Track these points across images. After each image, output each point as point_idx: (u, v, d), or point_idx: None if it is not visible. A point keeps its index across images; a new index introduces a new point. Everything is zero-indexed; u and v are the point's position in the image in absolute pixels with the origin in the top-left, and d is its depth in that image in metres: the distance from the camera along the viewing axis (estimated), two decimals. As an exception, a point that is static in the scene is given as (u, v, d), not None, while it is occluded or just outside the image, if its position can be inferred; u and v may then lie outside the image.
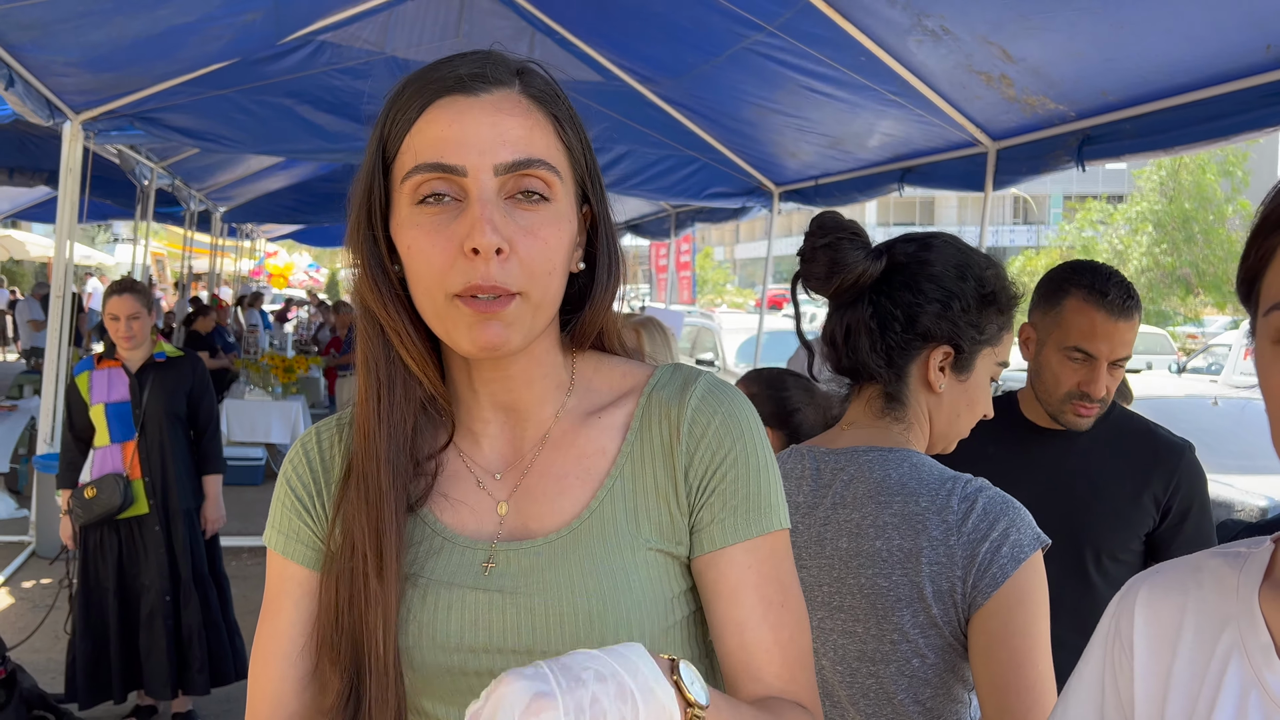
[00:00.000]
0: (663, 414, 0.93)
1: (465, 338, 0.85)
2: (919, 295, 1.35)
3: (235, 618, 4.19)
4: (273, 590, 0.98)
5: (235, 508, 4.56)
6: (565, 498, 0.92)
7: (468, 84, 0.86)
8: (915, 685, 1.29)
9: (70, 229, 6.17)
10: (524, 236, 0.84)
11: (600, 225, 0.95)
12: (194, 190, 10.88)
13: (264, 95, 6.02)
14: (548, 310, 0.88)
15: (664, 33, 5.36)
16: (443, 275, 0.83)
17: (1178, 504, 1.85)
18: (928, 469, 1.33)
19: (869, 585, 1.31)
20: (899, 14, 3.98)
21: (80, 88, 5.44)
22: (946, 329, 1.35)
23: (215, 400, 4.11)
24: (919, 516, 1.28)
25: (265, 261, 26.86)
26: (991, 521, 1.25)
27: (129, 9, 4.50)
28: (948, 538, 1.26)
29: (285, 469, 0.99)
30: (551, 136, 0.88)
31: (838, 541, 1.34)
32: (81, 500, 3.78)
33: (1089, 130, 4.01)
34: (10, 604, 5.32)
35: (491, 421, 0.95)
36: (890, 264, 1.37)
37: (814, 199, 6.74)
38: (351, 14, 5.64)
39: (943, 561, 1.26)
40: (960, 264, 1.37)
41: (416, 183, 0.85)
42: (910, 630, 1.28)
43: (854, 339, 1.39)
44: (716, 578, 0.90)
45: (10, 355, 17.52)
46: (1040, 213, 43.42)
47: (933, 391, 1.38)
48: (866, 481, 1.35)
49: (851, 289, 1.37)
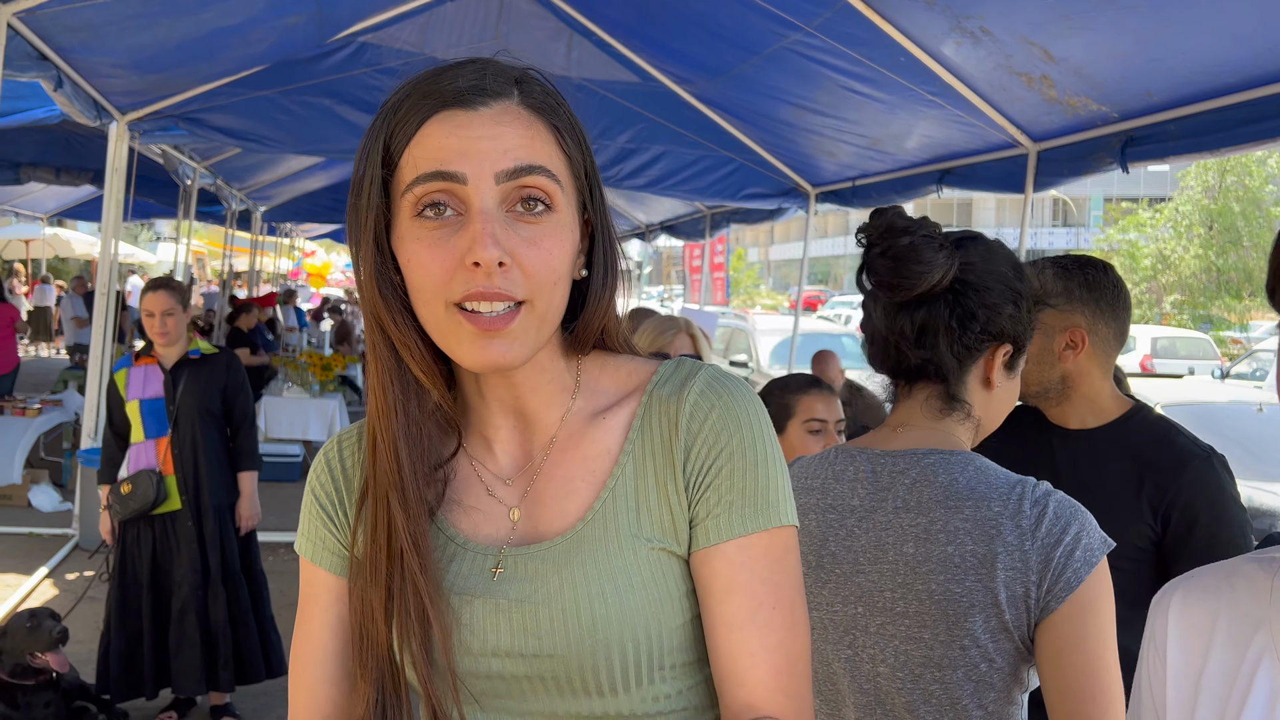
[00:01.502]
0: (663, 410, 0.92)
1: (467, 354, 0.85)
2: (996, 295, 1.36)
3: (271, 614, 4.23)
4: (305, 595, 1.00)
5: (272, 504, 4.61)
6: (571, 500, 0.92)
7: (466, 97, 0.85)
8: (981, 690, 1.29)
9: (115, 227, 6.28)
10: (526, 248, 0.84)
11: (598, 228, 0.94)
12: (235, 190, 11.03)
13: (304, 96, 6.09)
14: (552, 321, 0.88)
15: (703, 32, 5.36)
16: (444, 285, 0.83)
17: (1178, 514, 1.75)
18: (993, 472, 1.33)
19: (940, 591, 1.29)
20: (938, 15, 3.95)
21: (126, 89, 5.54)
22: (1015, 329, 1.38)
23: (251, 397, 4.15)
24: (992, 521, 1.27)
25: (303, 261, 27.15)
26: (1064, 526, 1.24)
27: (175, 12, 4.57)
28: (1022, 543, 1.25)
29: (310, 478, 1.01)
30: (552, 146, 0.88)
31: (902, 547, 1.33)
32: (118, 495, 3.84)
33: (1132, 131, 3.96)
34: (54, 595, 5.43)
35: (502, 427, 0.95)
36: (964, 263, 1.38)
37: (851, 200, 6.71)
38: (391, 15, 5.69)
39: (1018, 567, 1.25)
40: (1013, 262, 1.39)
41: (417, 194, 0.84)
42: (981, 635, 1.27)
43: (929, 339, 1.37)
44: (709, 574, 0.88)
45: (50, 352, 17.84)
46: (1080, 215, 42.90)
47: (989, 389, 1.40)
48: (933, 486, 1.34)
49: (929, 291, 1.35)
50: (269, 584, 4.28)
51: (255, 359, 9.51)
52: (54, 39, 4.40)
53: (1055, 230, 43.27)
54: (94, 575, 4.81)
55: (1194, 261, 22.83)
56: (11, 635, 3.64)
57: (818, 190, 7.18)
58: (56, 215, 15.52)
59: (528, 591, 0.89)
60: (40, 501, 7.21)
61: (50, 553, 6.17)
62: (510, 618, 0.89)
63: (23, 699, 3.62)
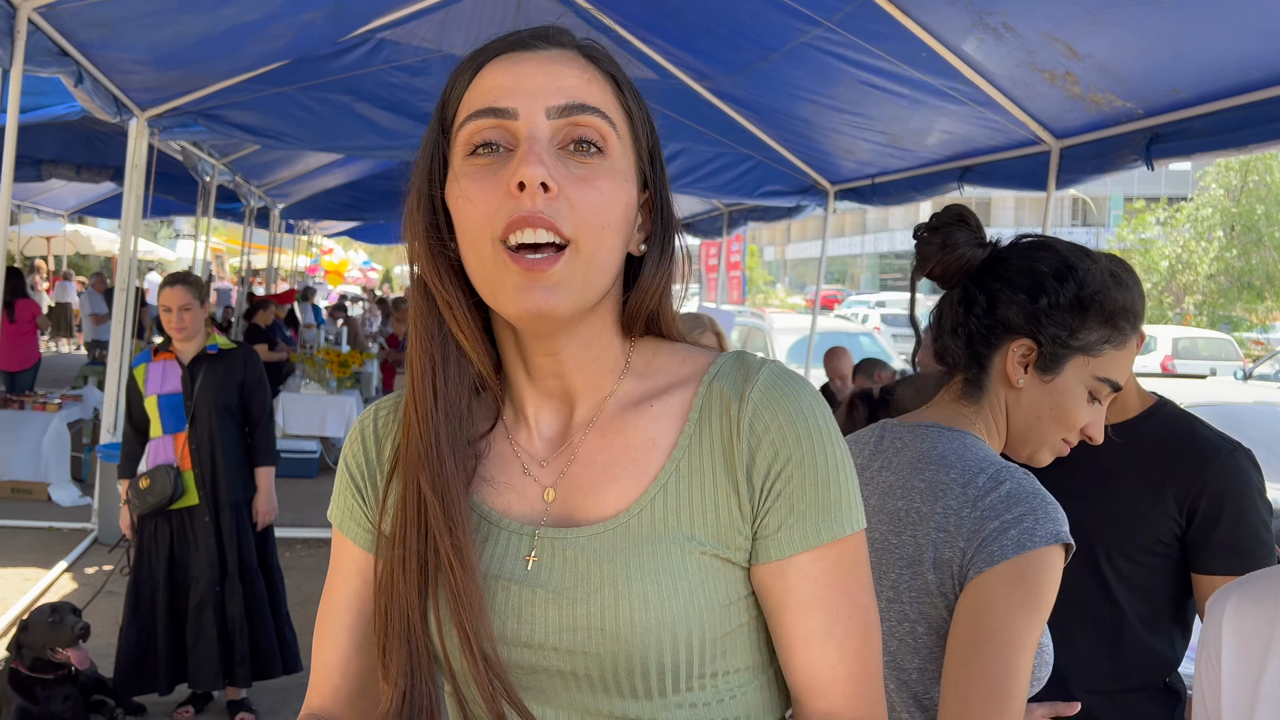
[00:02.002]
0: (723, 407, 0.87)
1: (511, 300, 0.82)
2: (1007, 285, 1.35)
3: (287, 610, 4.22)
4: (333, 564, 0.99)
5: (289, 500, 4.62)
6: (611, 489, 0.88)
7: (527, 42, 0.86)
8: (903, 651, 1.30)
9: (135, 224, 6.31)
10: (576, 183, 0.81)
11: (657, 203, 0.91)
12: (253, 187, 11.07)
13: (323, 92, 6.10)
14: (600, 274, 0.84)
15: (722, 28, 5.33)
16: (490, 218, 0.81)
17: (1204, 507, 1.72)
18: (975, 449, 1.33)
19: (880, 541, 1.33)
20: (960, 11, 3.91)
21: (146, 85, 5.56)
22: (1027, 322, 1.34)
23: (269, 393, 4.14)
24: (943, 485, 1.29)
25: (321, 258, 27.26)
26: (1010, 504, 1.23)
27: (194, 8, 4.58)
28: (961, 508, 1.26)
29: (345, 446, 1.00)
30: (609, 93, 0.86)
31: (869, 499, 1.37)
32: (137, 490, 3.85)
33: (1158, 128, 3.91)
34: (73, 589, 5.45)
35: (541, 404, 0.92)
36: (994, 255, 1.39)
37: (870, 198, 6.67)
38: (410, 12, 5.68)
39: (950, 530, 1.26)
40: (1068, 264, 1.35)
41: (469, 132, 0.83)
42: (905, 592, 1.29)
43: (942, 322, 1.42)
44: (784, 590, 0.85)
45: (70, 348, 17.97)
46: (1100, 214, 42.61)
47: (1012, 386, 1.37)
48: (914, 450, 1.37)
49: (955, 274, 1.39)
50: (285, 580, 4.28)
51: (273, 355, 9.54)
52: (74, 35, 4.42)
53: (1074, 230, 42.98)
54: (113, 569, 4.83)
55: (1214, 263, 22.62)
56: (33, 629, 3.65)
57: (836, 188, 7.14)
58: (77, 212, 15.63)
59: (567, 583, 0.85)
60: (60, 496, 7.26)
61: (70, 547, 6.20)
62: (547, 609, 0.85)
63: (41, 692, 3.64)
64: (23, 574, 5.65)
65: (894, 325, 22.59)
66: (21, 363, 9.08)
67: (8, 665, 3.71)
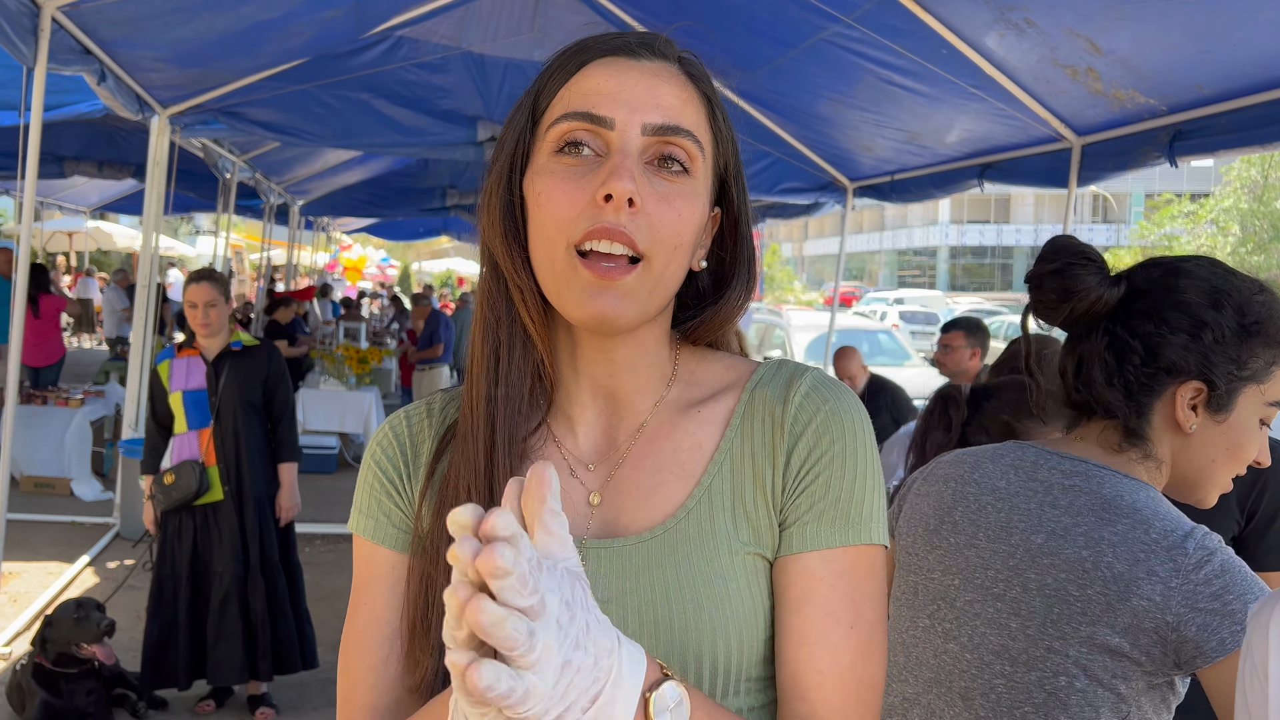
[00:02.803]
0: (766, 410, 0.89)
1: (578, 303, 0.82)
2: (1162, 325, 1.24)
3: (307, 606, 4.25)
4: (363, 578, 0.93)
5: (309, 496, 4.63)
6: (659, 494, 0.88)
7: (632, 48, 0.86)
8: (1050, 705, 1.20)
9: (156, 220, 6.35)
10: (658, 201, 0.82)
11: (740, 226, 0.92)
12: (273, 183, 11.11)
13: (343, 90, 6.11)
14: (665, 289, 0.85)
15: (741, 25, 5.31)
16: (569, 222, 0.81)
17: (1264, 506, 1.76)
18: (1167, 508, 1.22)
19: (1055, 588, 1.21)
20: (981, 7, 3.88)
21: (168, 82, 5.59)
22: (1196, 362, 1.23)
23: (291, 389, 4.17)
24: (1146, 546, 1.17)
25: (340, 255, 27.35)
26: (1227, 582, 1.14)
27: (215, 6, 4.60)
28: (1170, 578, 1.15)
29: (372, 451, 0.96)
30: (703, 116, 0.87)
31: (1031, 535, 1.26)
32: (162, 486, 3.88)
33: (1181, 125, 3.88)
34: (95, 583, 5.50)
35: (589, 408, 0.91)
36: (1131, 290, 1.28)
37: (889, 195, 6.64)
38: (429, 9, 5.69)
39: (1155, 599, 1.15)
40: (1216, 289, 1.25)
41: (561, 131, 0.83)
42: (1075, 645, 1.19)
43: (1086, 372, 1.29)
44: (787, 583, 0.84)
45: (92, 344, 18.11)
46: (1121, 211, 42.26)
47: (1181, 432, 1.26)
48: (1093, 494, 1.25)
49: (1085, 317, 1.28)
50: (304, 575, 4.31)
51: (293, 350, 9.59)
52: (97, 33, 4.44)
53: (1095, 226, 42.66)
54: (135, 564, 4.87)
55: (1229, 259, 22.41)
56: (58, 625, 3.68)
57: (855, 185, 7.11)
58: (99, 209, 15.73)
59: (614, 591, 0.84)
60: (82, 491, 7.32)
61: (92, 541, 6.25)
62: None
63: (65, 686, 3.67)
64: (46, 568, 5.70)
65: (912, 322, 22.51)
66: (47, 358, 9.15)
67: (31, 659, 3.75)
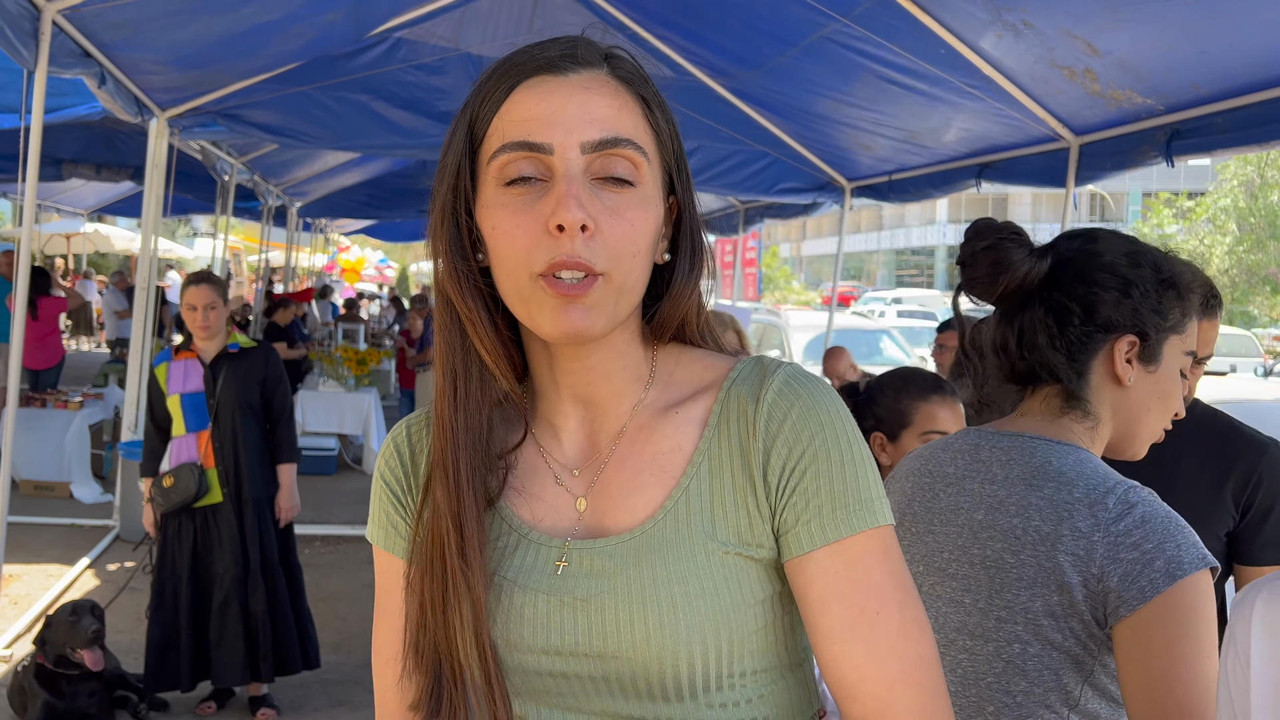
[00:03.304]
0: (740, 409, 0.89)
1: (548, 321, 0.83)
2: (1094, 285, 1.31)
3: (308, 606, 4.25)
4: (383, 586, 0.98)
5: (309, 497, 4.64)
6: (639, 495, 0.89)
7: (556, 64, 0.85)
8: (1009, 673, 1.25)
9: (155, 223, 6.36)
10: (609, 216, 0.83)
11: (685, 213, 0.92)
12: (271, 185, 11.11)
13: (341, 92, 6.12)
14: (630, 296, 0.86)
15: (740, 24, 5.33)
16: (527, 254, 0.82)
17: (1259, 502, 1.80)
18: (1093, 465, 1.28)
19: (993, 559, 1.28)
20: (979, 8, 3.90)
21: (167, 85, 5.59)
22: (1129, 316, 1.30)
23: (289, 390, 4.17)
24: (1068, 505, 1.24)
25: (338, 256, 27.35)
26: (1148, 532, 1.18)
27: (215, 8, 4.60)
28: (1092, 532, 1.20)
29: (379, 464, 1.00)
30: (639, 118, 0.87)
31: (974, 512, 1.32)
32: (161, 489, 3.88)
33: (1178, 125, 3.89)
34: (95, 585, 5.50)
35: (571, 415, 0.93)
36: (1056, 261, 1.34)
37: (887, 195, 6.65)
38: (427, 11, 5.70)
39: (1080, 554, 1.21)
40: (1131, 251, 1.33)
41: (503, 163, 0.84)
42: (1020, 613, 1.24)
43: (1029, 339, 1.34)
44: (805, 585, 0.85)
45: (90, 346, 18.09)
46: (1118, 210, 42.31)
47: (1120, 385, 1.33)
48: (1024, 464, 1.31)
49: (1018, 291, 1.34)
50: (304, 576, 4.31)
51: (292, 353, 9.59)
52: (97, 36, 4.45)
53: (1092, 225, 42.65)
54: (136, 566, 4.87)
55: (1226, 258, 22.44)
56: (55, 627, 3.69)
57: (853, 185, 7.12)
58: (97, 211, 15.73)
59: (594, 590, 0.86)
60: (81, 493, 7.32)
61: (92, 544, 6.25)
62: (575, 616, 0.87)
63: (67, 688, 3.68)
64: (46, 570, 5.70)
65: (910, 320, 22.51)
66: (46, 361, 9.14)
67: (33, 660, 3.75)
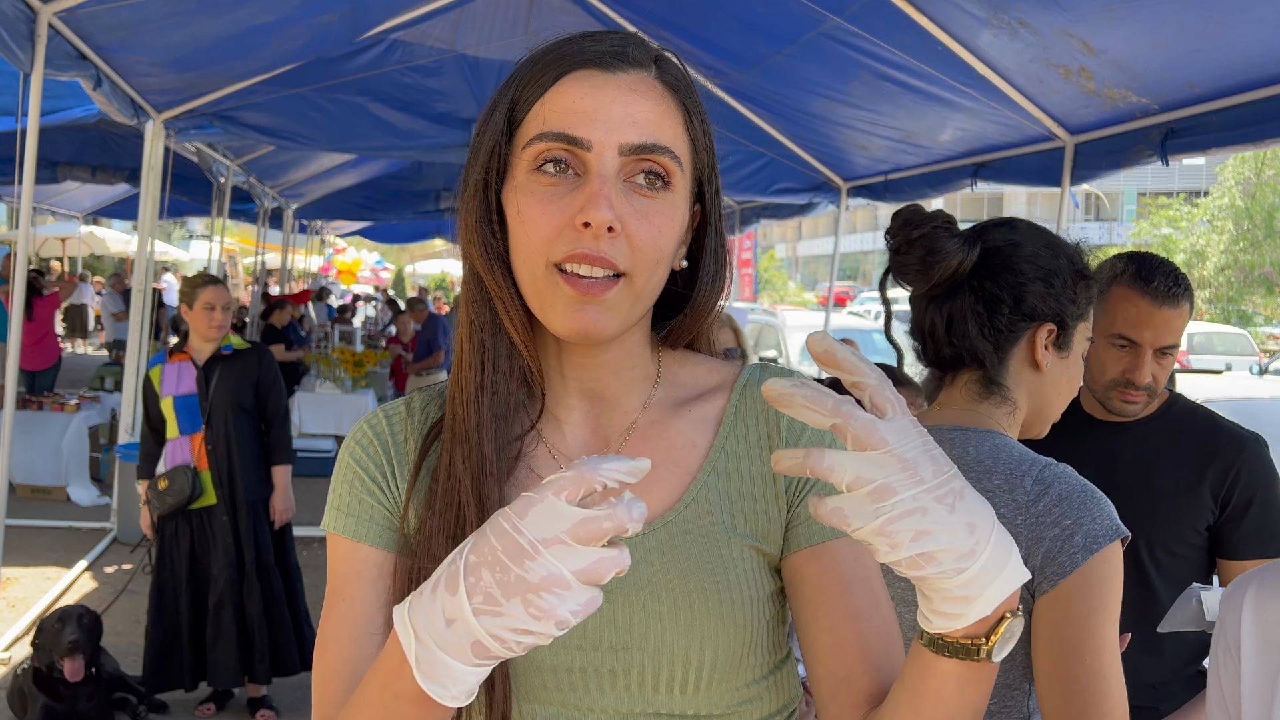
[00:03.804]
0: (759, 410, 0.92)
1: (560, 317, 0.83)
2: (1021, 275, 1.36)
3: (305, 607, 4.26)
4: (340, 575, 0.91)
5: (306, 498, 4.64)
6: (655, 488, 0.89)
7: (607, 60, 0.85)
8: None
9: (151, 225, 6.35)
10: (637, 219, 0.83)
11: (710, 224, 0.93)
12: (267, 187, 11.11)
13: (337, 94, 6.13)
14: (646, 300, 0.87)
15: (736, 22, 5.33)
16: (549, 243, 0.82)
17: (1237, 496, 1.81)
18: (1009, 450, 1.33)
19: None
20: (975, 7, 3.90)
21: (163, 87, 5.59)
22: (1052, 306, 1.37)
23: (284, 392, 4.17)
24: (988, 493, 1.27)
25: (334, 258, 27.33)
26: (1065, 509, 1.23)
27: (211, 10, 4.60)
28: (1014, 516, 1.25)
29: (350, 450, 0.94)
30: (680, 126, 0.87)
31: None
32: (156, 491, 3.88)
33: (1173, 123, 3.90)
34: (93, 588, 5.49)
35: (576, 408, 0.93)
36: (984, 250, 1.38)
37: (883, 194, 6.66)
38: (423, 12, 5.70)
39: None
40: (1050, 243, 1.39)
41: (539, 150, 0.84)
42: None
43: (959, 326, 1.39)
44: (821, 570, 0.88)
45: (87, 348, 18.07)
46: (1113, 209, 42.36)
47: (1038, 371, 1.39)
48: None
49: (950, 279, 1.38)
50: (303, 577, 4.31)
51: (289, 355, 9.58)
52: (93, 38, 4.45)
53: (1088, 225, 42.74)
54: (134, 569, 4.86)
55: (1222, 257, 22.47)
56: (44, 633, 3.69)
57: (849, 185, 7.13)
58: (92, 214, 15.71)
59: (617, 583, 0.85)
60: (79, 496, 7.31)
61: (89, 546, 6.24)
62: (599, 610, 0.84)
63: (65, 691, 3.67)
64: (44, 573, 5.69)
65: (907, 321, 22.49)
66: (42, 362, 9.13)
67: (31, 664, 3.75)
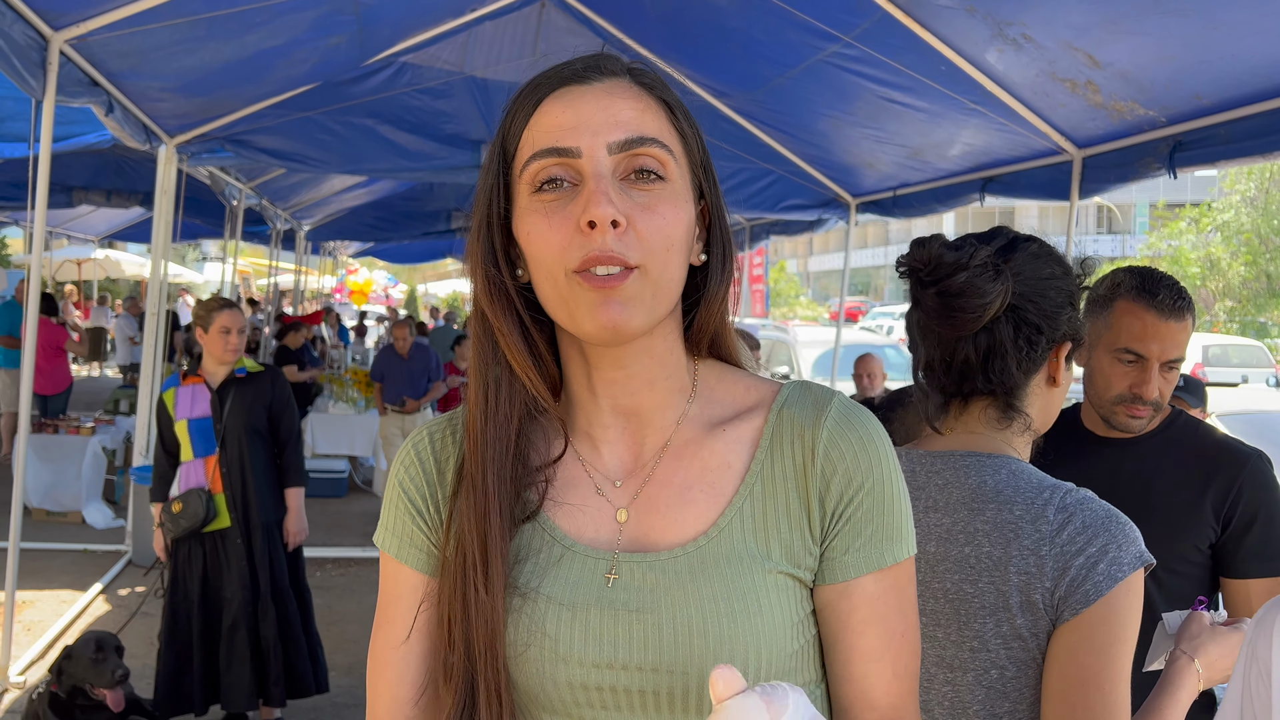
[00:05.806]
0: (795, 433, 0.92)
1: (587, 318, 0.84)
2: (1050, 302, 1.34)
3: (317, 630, 4.25)
4: (387, 595, 0.97)
5: (319, 520, 4.65)
6: (689, 510, 0.90)
7: (581, 75, 0.89)
8: (992, 697, 1.27)
9: (165, 248, 6.39)
10: (641, 212, 0.85)
11: (714, 218, 0.94)
12: (279, 209, 11.18)
13: (347, 116, 6.17)
14: (667, 291, 0.87)
15: (740, 47, 5.36)
16: (562, 252, 0.84)
17: (1239, 514, 1.78)
18: (1026, 476, 1.30)
19: (954, 591, 1.29)
20: (979, 23, 3.91)
21: (174, 112, 5.64)
22: (1075, 327, 1.37)
23: (297, 414, 4.18)
24: (1012, 525, 1.26)
25: (346, 278, 27.44)
26: (1090, 536, 1.21)
27: (221, 35, 4.65)
28: (1039, 547, 1.23)
29: (396, 470, 0.99)
30: (664, 120, 0.89)
31: (925, 545, 1.33)
32: (169, 514, 3.89)
33: (1181, 136, 3.89)
34: (107, 610, 5.51)
35: (611, 427, 0.94)
36: (1013, 278, 1.35)
37: (892, 210, 6.66)
38: (432, 35, 5.75)
39: (1032, 571, 1.23)
40: (1059, 261, 1.38)
41: (534, 171, 0.86)
42: (991, 640, 1.26)
43: (998, 362, 1.33)
44: (848, 608, 0.90)
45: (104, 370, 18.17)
46: (1125, 222, 42.22)
47: (1053, 387, 1.38)
48: (962, 487, 1.33)
49: (991, 318, 1.31)
50: (316, 599, 4.31)
51: (302, 376, 9.61)
52: (104, 65, 4.49)
53: (1100, 238, 42.59)
54: (147, 591, 4.87)
55: (1242, 269, 22.34)
56: (76, 660, 3.65)
57: (858, 201, 7.14)
58: (107, 237, 15.85)
59: (649, 602, 0.87)
60: (94, 518, 7.34)
61: (104, 569, 6.26)
62: (630, 629, 0.87)
63: (80, 716, 3.66)
64: (59, 596, 5.71)
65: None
66: (54, 386, 9.19)
67: (47, 688, 3.74)
